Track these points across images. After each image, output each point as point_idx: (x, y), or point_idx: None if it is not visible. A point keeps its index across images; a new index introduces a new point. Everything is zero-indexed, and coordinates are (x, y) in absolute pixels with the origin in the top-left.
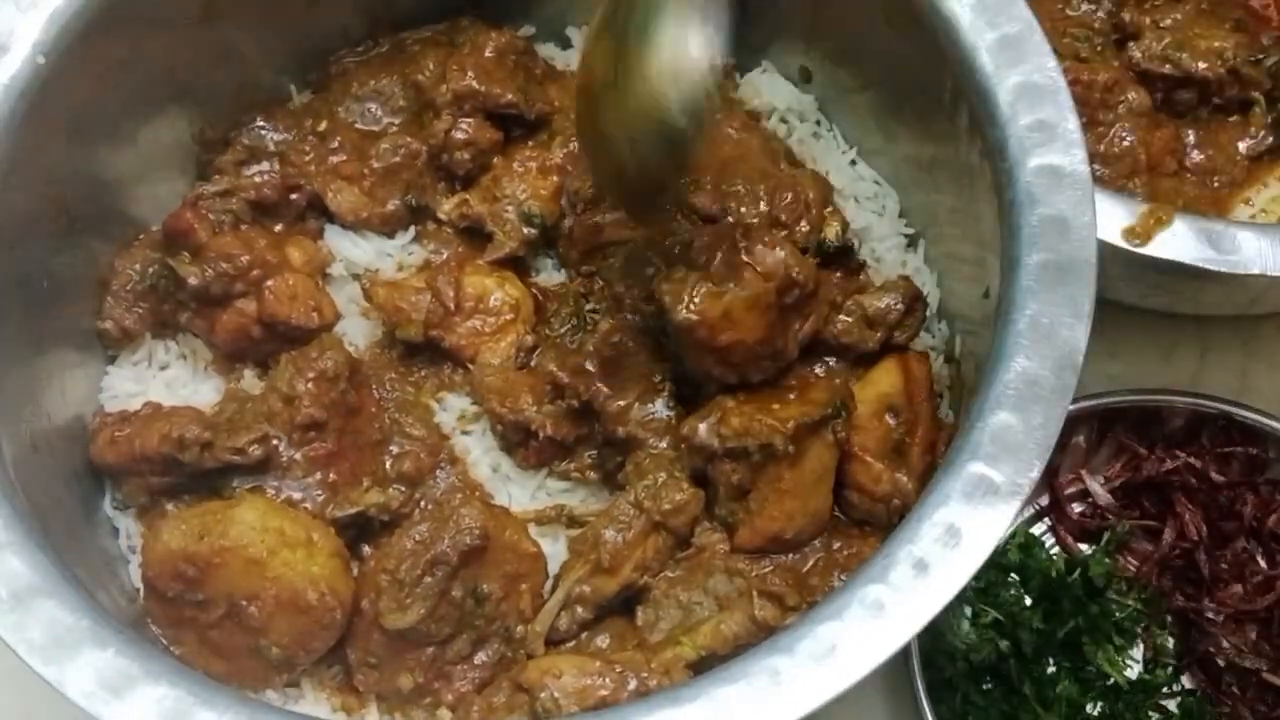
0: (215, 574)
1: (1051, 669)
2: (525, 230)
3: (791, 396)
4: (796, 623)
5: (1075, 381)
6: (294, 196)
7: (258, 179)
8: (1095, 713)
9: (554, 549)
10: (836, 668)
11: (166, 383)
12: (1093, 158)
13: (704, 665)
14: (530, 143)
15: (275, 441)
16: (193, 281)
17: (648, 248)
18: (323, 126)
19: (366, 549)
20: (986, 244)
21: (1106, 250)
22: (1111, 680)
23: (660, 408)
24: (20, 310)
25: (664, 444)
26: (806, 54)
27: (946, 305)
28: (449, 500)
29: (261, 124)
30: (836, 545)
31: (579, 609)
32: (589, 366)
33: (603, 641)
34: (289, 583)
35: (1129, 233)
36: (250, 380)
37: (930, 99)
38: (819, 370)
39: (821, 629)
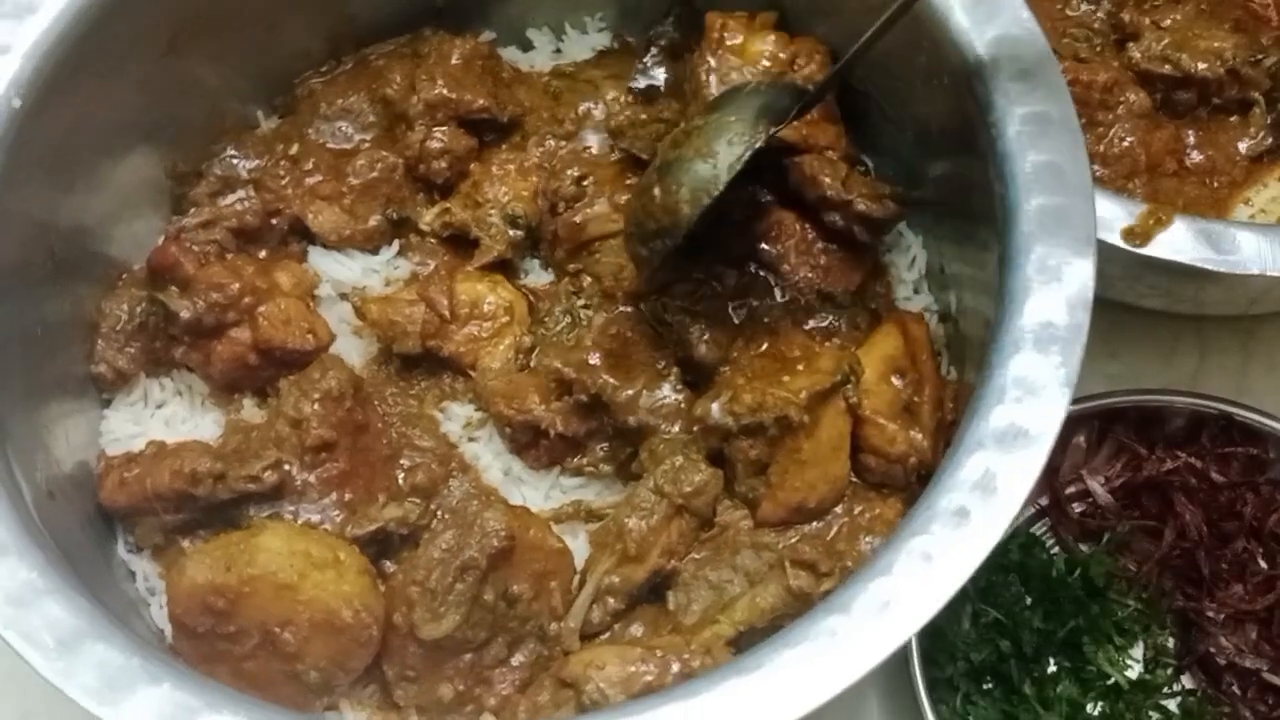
0: (246, 603)
1: (1052, 669)
2: (511, 233)
3: (800, 367)
4: (846, 583)
5: (1088, 319)
6: (275, 221)
7: (238, 206)
8: (1095, 713)
9: (575, 545)
10: (893, 621)
11: (165, 420)
12: (1092, 158)
13: (743, 641)
14: (504, 145)
15: (287, 466)
16: (185, 315)
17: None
18: (294, 150)
19: (389, 565)
20: (981, 199)
21: (1106, 250)
22: (1112, 680)
23: (668, 392)
24: (20, 360)
25: (676, 428)
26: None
27: (938, 264)
28: (466, 507)
29: (233, 153)
30: (858, 510)
31: (610, 600)
32: (592, 360)
33: (637, 630)
34: (322, 604)
35: (1129, 233)
36: (250, 410)
37: (909, 64)
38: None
39: (873, 585)
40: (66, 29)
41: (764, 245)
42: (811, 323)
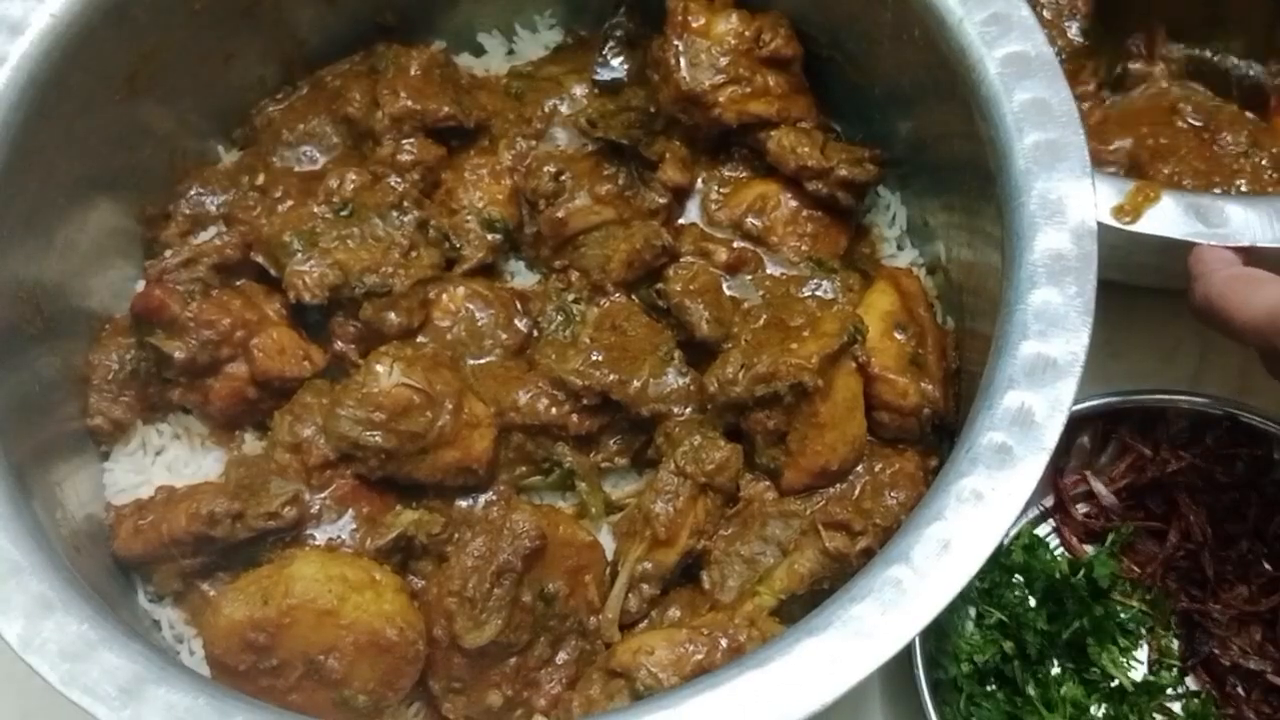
0: (287, 635)
1: (1056, 670)
2: (489, 237)
3: (805, 334)
4: (899, 533)
5: (1096, 249)
6: (253, 252)
7: (217, 241)
8: (1099, 714)
9: (600, 539)
10: (956, 560)
11: (167, 466)
12: None
13: (785, 610)
14: (473, 151)
15: (306, 497)
16: (179, 356)
17: (620, 226)
18: (260, 179)
19: (415, 581)
20: (963, 145)
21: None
22: (1116, 682)
23: (673, 377)
24: (25, 421)
25: (688, 410)
26: None
27: (919, 218)
28: (488, 514)
29: (199, 190)
30: (878, 467)
31: (645, 586)
32: (594, 358)
33: (674, 614)
34: (365, 625)
35: (1119, 211)
36: (252, 444)
37: (875, 24)
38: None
39: (930, 530)
40: (30, 78)
41: (750, 220)
42: (806, 290)
